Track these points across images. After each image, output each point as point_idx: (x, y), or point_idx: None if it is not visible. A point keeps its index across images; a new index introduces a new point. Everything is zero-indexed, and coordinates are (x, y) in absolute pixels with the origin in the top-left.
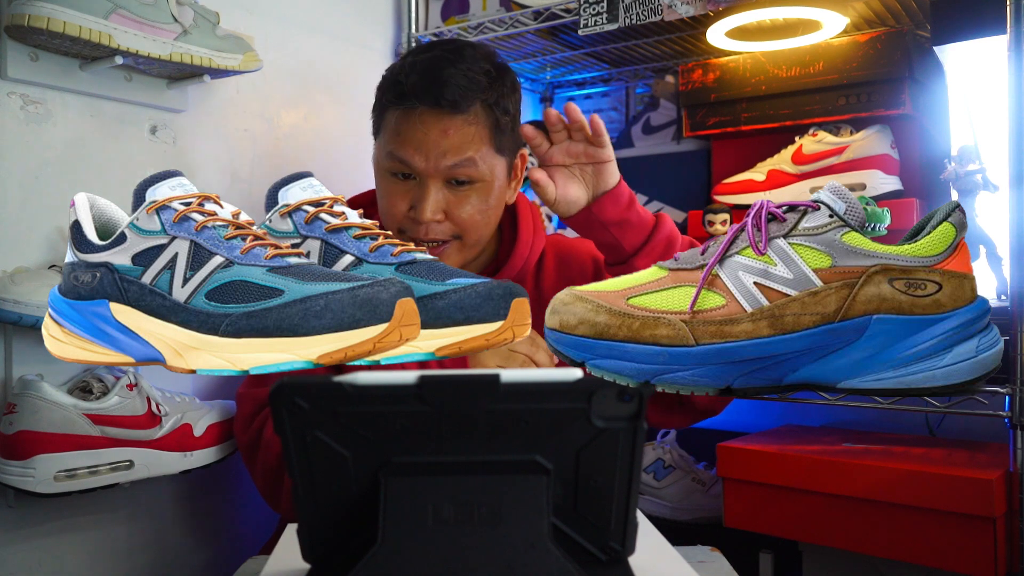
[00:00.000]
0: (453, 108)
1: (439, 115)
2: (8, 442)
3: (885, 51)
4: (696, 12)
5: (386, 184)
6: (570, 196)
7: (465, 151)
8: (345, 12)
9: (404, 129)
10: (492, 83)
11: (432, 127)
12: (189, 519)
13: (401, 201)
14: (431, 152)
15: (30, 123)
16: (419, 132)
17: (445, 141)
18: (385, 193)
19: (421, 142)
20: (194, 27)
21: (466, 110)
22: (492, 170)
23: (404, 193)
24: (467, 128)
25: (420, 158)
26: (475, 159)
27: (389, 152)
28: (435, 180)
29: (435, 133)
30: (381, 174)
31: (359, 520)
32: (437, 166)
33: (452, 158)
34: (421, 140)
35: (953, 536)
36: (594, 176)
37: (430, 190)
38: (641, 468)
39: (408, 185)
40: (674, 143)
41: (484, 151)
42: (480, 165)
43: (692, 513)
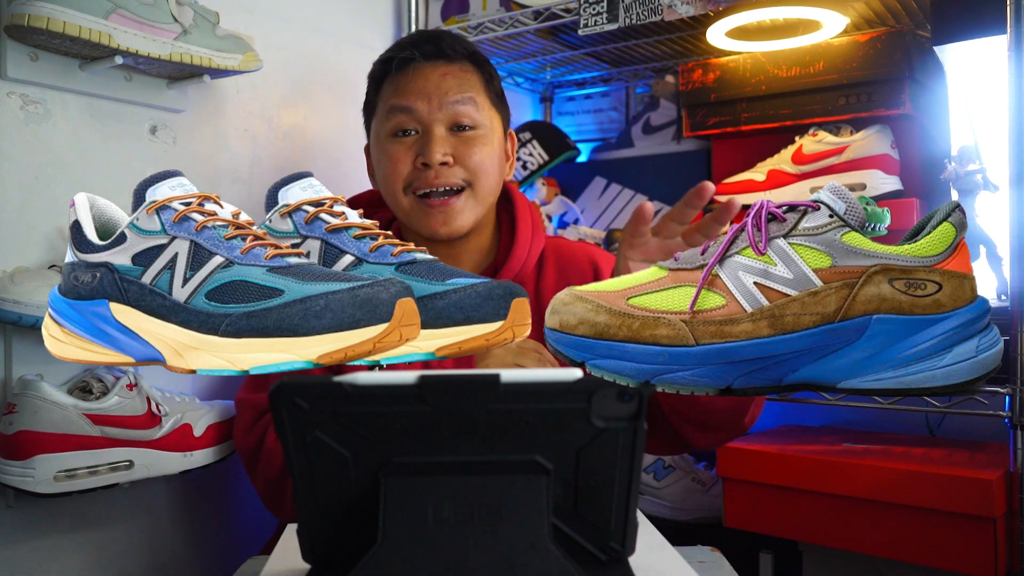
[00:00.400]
0: (449, 57)
1: (435, 64)
2: (8, 442)
3: (885, 51)
4: (696, 12)
5: (389, 148)
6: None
7: (465, 90)
8: (345, 12)
9: (403, 82)
10: (477, 51)
11: (431, 73)
12: (189, 519)
13: (406, 155)
14: (433, 93)
15: (30, 123)
16: (419, 80)
17: (445, 82)
18: (388, 156)
19: (421, 88)
20: (194, 27)
21: (460, 60)
22: (491, 120)
23: (408, 148)
24: (463, 73)
25: (423, 102)
26: (475, 98)
27: (391, 107)
28: (439, 124)
29: (434, 77)
30: (382, 142)
31: (359, 520)
32: (440, 105)
33: (454, 95)
34: (422, 86)
35: (953, 536)
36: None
37: (435, 133)
38: (641, 468)
39: (411, 140)
40: (674, 143)
41: (481, 98)
42: (479, 109)
43: (692, 513)
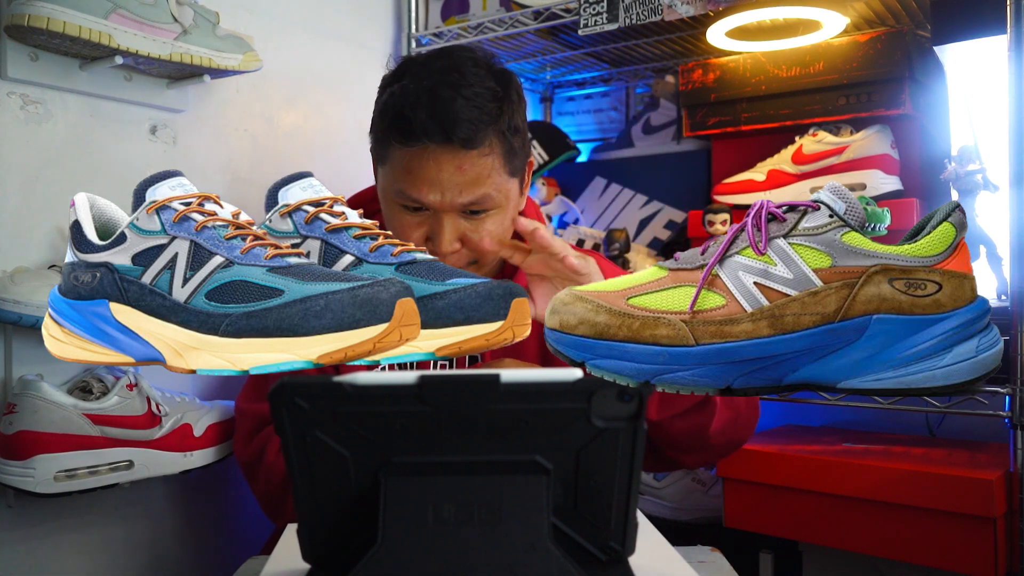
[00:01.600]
0: (467, 145)
1: (452, 152)
2: (8, 442)
3: (885, 51)
4: (696, 12)
5: (398, 216)
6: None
7: (481, 186)
8: (345, 12)
9: (415, 167)
10: (502, 106)
11: (446, 164)
12: (189, 519)
13: (416, 232)
14: (446, 190)
15: (30, 123)
16: (431, 170)
17: (460, 177)
18: (398, 224)
19: (435, 180)
20: (194, 27)
21: (480, 144)
22: (507, 195)
23: (418, 224)
24: (482, 161)
25: (435, 196)
26: (491, 193)
27: (399, 190)
28: (451, 213)
29: (449, 170)
30: (391, 204)
31: (359, 520)
32: (453, 203)
33: (468, 195)
34: (434, 178)
35: (953, 536)
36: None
37: (445, 223)
38: (641, 468)
39: (422, 216)
40: (674, 143)
41: (499, 180)
42: (496, 195)
43: (692, 513)
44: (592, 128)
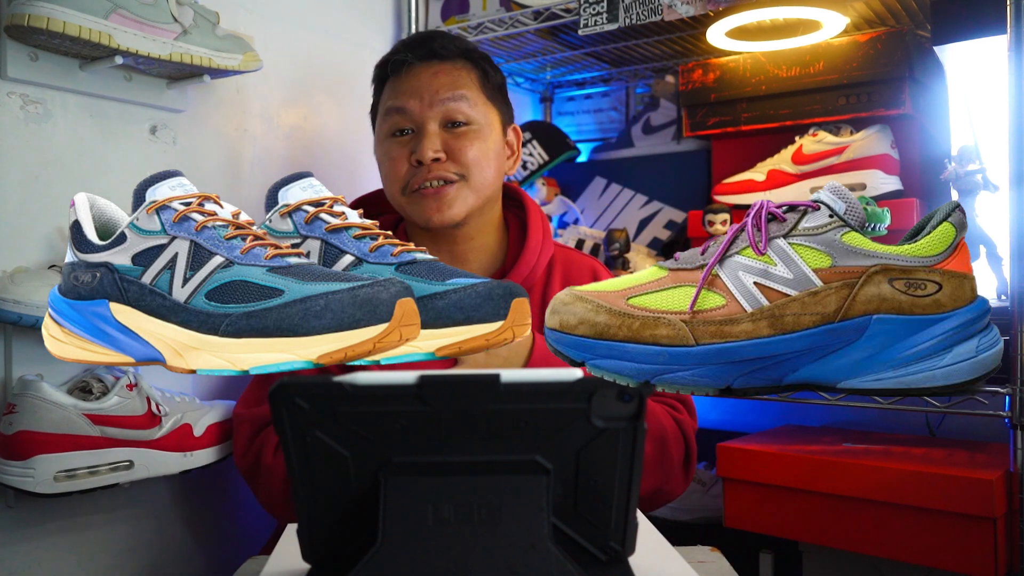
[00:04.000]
0: (441, 56)
1: (429, 64)
2: (8, 442)
3: (885, 51)
4: (696, 12)
5: (387, 147)
6: None
7: (456, 87)
8: (345, 12)
9: (398, 83)
10: (474, 48)
11: (423, 72)
12: (189, 519)
13: (402, 153)
14: (424, 92)
15: (30, 123)
16: (412, 80)
17: (436, 80)
18: (387, 156)
19: (415, 87)
20: (194, 27)
21: (454, 59)
22: (486, 116)
23: (404, 145)
24: (456, 71)
25: (415, 101)
26: (467, 95)
27: (387, 109)
28: (432, 121)
29: (426, 76)
30: (382, 142)
31: (359, 520)
32: (432, 102)
33: (445, 92)
34: (415, 86)
35: (953, 536)
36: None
37: (427, 130)
38: (641, 468)
39: (407, 139)
40: (674, 143)
41: (475, 94)
42: (472, 105)
43: (692, 513)
44: (592, 128)
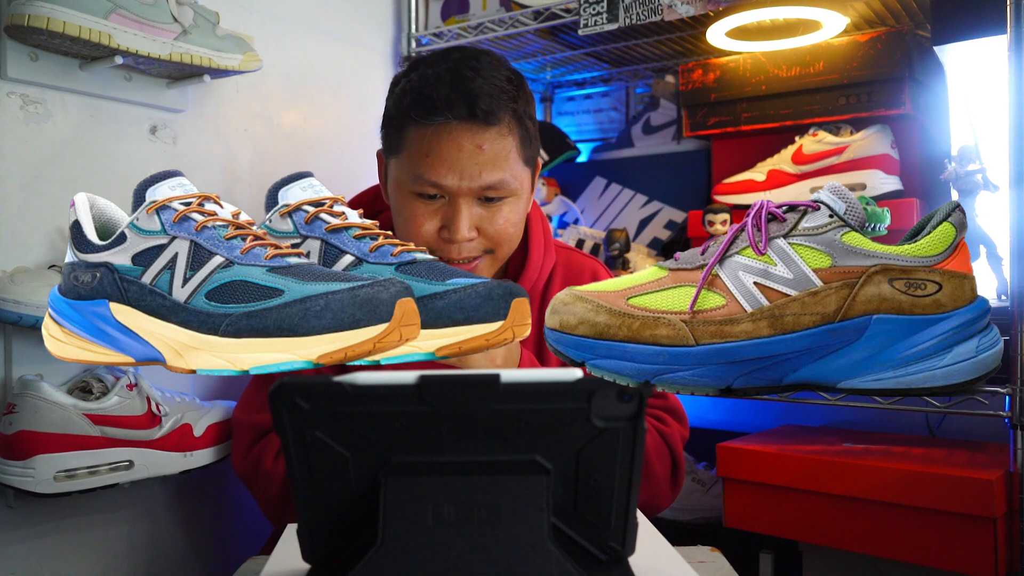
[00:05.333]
0: (488, 120)
1: (473, 129)
2: (8, 442)
3: (885, 51)
4: (696, 12)
5: (410, 205)
6: None
7: (499, 168)
8: (345, 12)
9: (434, 148)
10: (518, 91)
11: (466, 142)
12: (189, 519)
13: (430, 222)
14: (466, 170)
15: (30, 123)
16: (453, 149)
17: (480, 156)
18: (410, 215)
19: (455, 160)
20: (194, 27)
21: (499, 121)
22: (522, 183)
23: (433, 213)
24: (501, 141)
25: (454, 177)
26: (508, 170)
27: (417, 175)
28: (468, 198)
29: (469, 149)
30: (403, 195)
31: (359, 520)
32: (471, 185)
33: (488, 176)
34: (455, 158)
35: (953, 536)
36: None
37: (462, 208)
38: (641, 468)
39: (436, 204)
40: (674, 143)
41: (515, 165)
42: (512, 182)
43: (692, 513)
44: (592, 128)
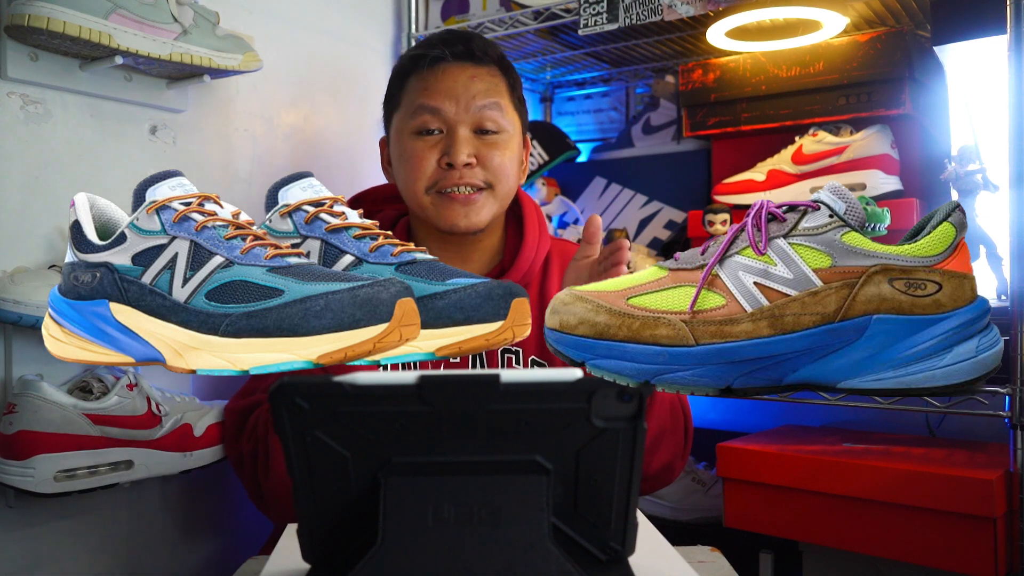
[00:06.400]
0: (480, 59)
1: (466, 65)
2: (8, 442)
3: (885, 51)
4: (696, 12)
5: (412, 145)
6: None
7: (493, 95)
8: (345, 12)
9: (432, 81)
10: (504, 56)
11: (460, 74)
12: (189, 519)
13: (430, 154)
14: (461, 95)
15: (30, 123)
16: (447, 80)
17: (474, 85)
18: (412, 154)
19: (450, 88)
20: (194, 27)
21: (489, 64)
22: (514, 124)
23: (433, 146)
24: (492, 77)
25: (451, 103)
26: (500, 103)
27: (418, 106)
28: (464, 126)
29: (463, 78)
30: (405, 139)
31: (359, 520)
32: (468, 108)
33: (482, 99)
34: (450, 87)
35: (953, 536)
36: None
37: (460, 135)
38: (641, 468)
39: (436, 139)
40: (674, 143)
41: (506, 102)
42: (505, 113)
43: (692, 513)
44: (592, 128)
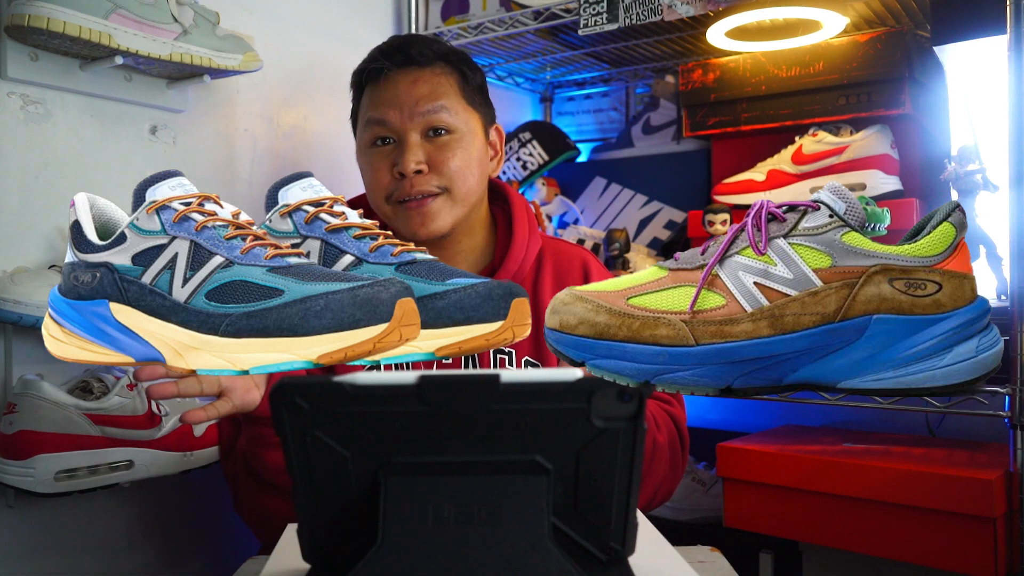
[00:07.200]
0: (420, 62)
1: (408, 70)
2: (8, 442)
3: (885, 51)
4: (696, 12)
5: (368, 158)
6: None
7: (437, 97)
8: (345, 12)
9: (377, 93)
10: (452, 50)
11: (402, 81)
12: (189, 519)
13: (384, 165)
14: (404, 103)
15: (30, 123)
16: (391, 89)
17: (415, 90)
18: (369, 167)
19: (393, 97)
20: (194, 27)
21: (431, 64)
22: (467, 122)
23: (386, 156)
24: (435, 78)
25: (395, 113)
26: (447, 105)
27: (367, 120)
28: (412, 132)
29: (405, 85)
30: (362, 152)
31: (359, 520)
32: (412, 114)
33: (425, 104)
34: (393, 96)
35: (953, 536)
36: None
37: (410, 142)
38: (641, 468)
39: (388, 149)
40: (674, 143)
41: (455, 101)
42: (453, 113)
43: (692, 513)
44: (592, 128)
